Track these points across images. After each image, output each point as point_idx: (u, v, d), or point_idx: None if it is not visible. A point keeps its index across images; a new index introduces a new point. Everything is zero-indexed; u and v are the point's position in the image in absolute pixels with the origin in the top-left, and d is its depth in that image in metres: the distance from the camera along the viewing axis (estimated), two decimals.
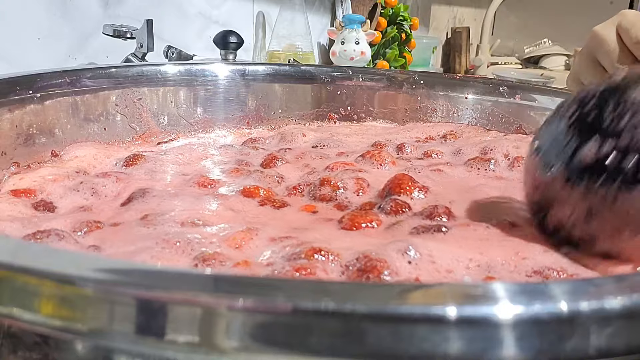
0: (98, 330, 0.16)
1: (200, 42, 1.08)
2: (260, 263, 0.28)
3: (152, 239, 0.30)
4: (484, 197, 0.39)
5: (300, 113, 0.65)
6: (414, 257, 0.27)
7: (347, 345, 0.15)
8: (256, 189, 0.39)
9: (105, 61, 0.89)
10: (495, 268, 0.28)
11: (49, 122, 0.47)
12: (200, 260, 0.28)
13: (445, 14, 2.08)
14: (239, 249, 0.30)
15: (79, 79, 0.50)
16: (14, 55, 0.77)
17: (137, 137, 0.54)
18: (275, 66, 0.68)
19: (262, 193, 0.39)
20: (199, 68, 0.60)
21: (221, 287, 0.17)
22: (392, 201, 0.36)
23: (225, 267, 0.28)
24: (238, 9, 1.17)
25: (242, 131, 0.61)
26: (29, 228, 0.31)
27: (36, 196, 0.38)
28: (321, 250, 0.28)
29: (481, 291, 0.17)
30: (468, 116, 0.64)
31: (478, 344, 0.16)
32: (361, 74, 0.67)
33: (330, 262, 0.27)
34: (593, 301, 0.16)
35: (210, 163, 0.49)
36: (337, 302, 0.15)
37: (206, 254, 0.28)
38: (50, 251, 0.21)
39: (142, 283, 0.17)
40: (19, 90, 0.44)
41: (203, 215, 0.34)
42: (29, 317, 0.17)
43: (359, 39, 1.24)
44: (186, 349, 0.16)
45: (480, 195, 0.39)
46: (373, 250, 0.28)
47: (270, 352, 0.16)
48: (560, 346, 0.16)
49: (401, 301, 0.16)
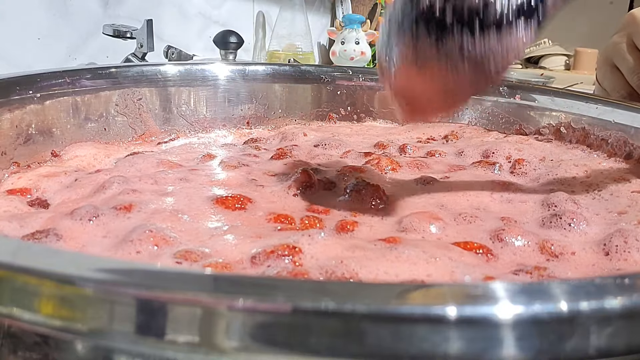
0: (98, 330, 0.17)
1: (200, 42, 1.08)
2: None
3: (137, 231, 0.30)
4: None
5: (300, 113, 0.65)
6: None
7: (347, 345, 0.15)
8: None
9: (105, 61, 0.89)
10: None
11: (49, 122, 0.47)
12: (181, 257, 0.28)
13: None
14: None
15: (79, 79, 0.50)
16: (14, 55, 0.77)
17: (137, 137, 0.54)
18: (275, 66, 0.68)
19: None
20: (199, 68, 0.60)
21: (221, 287, 0.17)
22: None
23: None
24: (238, 9, 1.17)
25: (242, 131, 0.61)
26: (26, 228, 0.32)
27: (31, 195, 0.39)
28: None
29: (481, 291, 0.17)
30: (468, 116, 0.64)
31: (478, 344, 0.16)
32: (361, 74, 0.67)
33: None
34: (593, 301, 0.16)
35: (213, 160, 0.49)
36: (337, 302, 0.16)
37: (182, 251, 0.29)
38: (50, 251, 0.21)
39: (142, 283, 0.17)
40: (19, 90, 0.44)
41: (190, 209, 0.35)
42: (29, 317, 0.17)
43: (359, 39, 1.24)
44: (186, 349, 0.16)
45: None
46: None
47: (270, 352, 0.16)
48: (560, 346, 0.16)
49: (401, 301, 0.16)
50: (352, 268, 0.26)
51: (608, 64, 0.55)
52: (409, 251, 0.28)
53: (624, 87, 0.60)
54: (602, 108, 0.54)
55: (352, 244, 0.30)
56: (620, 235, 0.32)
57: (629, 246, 0.31)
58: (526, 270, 0.29)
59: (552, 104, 0.59)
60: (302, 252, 0.28)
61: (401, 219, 0.35)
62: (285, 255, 0.28)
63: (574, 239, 0.34)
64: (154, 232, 0.30)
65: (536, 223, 0.36)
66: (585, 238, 0.34)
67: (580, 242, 0.33)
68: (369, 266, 0.27)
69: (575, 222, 0.35)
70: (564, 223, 0.35)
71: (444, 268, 0.27)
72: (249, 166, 0.45)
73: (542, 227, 0.35)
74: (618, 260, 0.31)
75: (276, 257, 0.28)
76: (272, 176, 0.43)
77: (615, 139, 0.51)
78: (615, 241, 0.32)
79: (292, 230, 0.32)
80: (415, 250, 0.28)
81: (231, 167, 0.45)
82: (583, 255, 0.32)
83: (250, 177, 0.42)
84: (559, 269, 0.30)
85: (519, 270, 0.29)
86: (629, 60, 0.54)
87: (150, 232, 0.30)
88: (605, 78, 0.61)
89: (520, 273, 0.28)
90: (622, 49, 0.52)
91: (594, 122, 0.54)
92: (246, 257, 0.28)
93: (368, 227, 0.34)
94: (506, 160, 0.49)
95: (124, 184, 0.38)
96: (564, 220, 0.35)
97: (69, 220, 0.32)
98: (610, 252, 0.31)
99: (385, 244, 0.31)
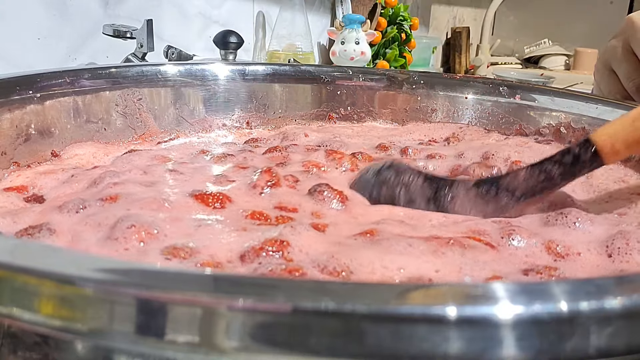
0: (98, 330, 0.17)
1: (200, 42, 1.08)
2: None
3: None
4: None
5: (300, 113, 0.65)
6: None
7: (347, 345, 0.15)
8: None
9: (105, 61, 0.89)
10: None
11: (49, 122, 0.47)
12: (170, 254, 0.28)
13: (445, 14, 2.09)
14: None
15: (79, 79, 0.50)
16: (14, 55, 0.77)
17: (137, 137, 0.54)
18: (275, 66, 0.68)
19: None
20: (199, 68, 0.60)
21: (221, 287, 0.17)
22: None
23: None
24: (238, 9, 1.17)
25: (242, 131, 0.61)
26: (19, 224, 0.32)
27: (28, 191, 0.39)
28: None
29: (481, 291, 0.17)
30: (468, 116, 0.64)
31: (478, 344, 0.16)
32: (361, 74, 0.67)
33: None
34: (593, 301, 0.16)
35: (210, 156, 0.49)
36: (337, 302, 0.16)
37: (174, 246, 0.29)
38: (50, 251, 0.21)
39: (142, 283, 0.17)
40: (19, 90, 0.44)
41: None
42: (29, 317, 0.17)
43: (359, 39, 1.24)
44: (186, 349, 0.16)
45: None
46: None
47: (270, 352, 0.16)
48: (560, 346, 0.16)
49: (401, 301, 0.16)
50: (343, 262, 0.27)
51: (606, 68, 0.54)
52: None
53: (620, 92, 0.59)
54: (602, 108, 0.54)
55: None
56: (622, 237, 0.32)
57: (631, 248, 0.31)
58: (537, 270, 0.29)
59: (552, 104, 0.59)
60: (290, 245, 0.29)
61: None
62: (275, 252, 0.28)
63: (579, 239, 0.34)
64: (137, 226, 0.30)
65: (539, 222, 0.36)
66: (589, 237, 0.34)
67: (585, 242, 0.33)
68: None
69: (580, 222, 0.35)
70: (569, 222, 0.35)
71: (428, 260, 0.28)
72: (242, 162, 0.46)
73: (545, 225, 0.35)
74: (620, 262, 0.31)
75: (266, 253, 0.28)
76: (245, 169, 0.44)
77: None
78: (617, 243, 0.32)
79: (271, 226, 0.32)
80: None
81: (220, 160, 0.46)
82: (588, 256, 0.32)
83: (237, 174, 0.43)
84: (568, 270, 0.30)
85: (529, 269, 0.29)
86: (625, 66, 0.54)
87: (134, 226, 0.30)
88: (602, 81, 0.61)
89: (530, 273, 0.28)
90: (619, 53, 0.51)
91: (594, 122, 0.54)
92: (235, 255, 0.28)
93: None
94: (504, 162, 0.49)
95: (114, 177, 0.39)
96: (569, 219, 0.35)
97: (57, 213, 0.32)
98: (613, 254, 0.31)
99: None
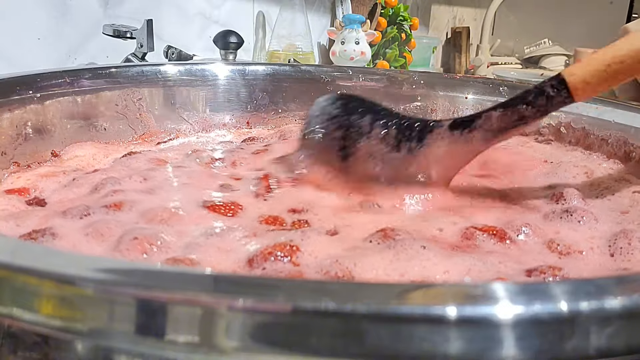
0: (98, 330, 0.17)
1: (200, 42, 1.08)
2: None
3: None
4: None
5: (300, 113, 0.65)
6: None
7: (347, 345, 0.15)
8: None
9: (105, 61, 0.89)
10: None
11: (49, 122, 0.47)
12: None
13: (445, 14, 2.09)
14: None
15: (79, 79, 0.50)
16: (14, 55, 0.77)
17: (137, 137, 0.54)
18: (275, 66, 0.68)
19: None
20: (199, 68, 0.60)
21: (221, 287, 0.17)
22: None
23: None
24: (238, 9, 1.17)
25: (242, 131, 0.61)
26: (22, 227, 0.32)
27: (30, 194, 0.39)
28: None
29: (481, 291, 0.17)
30: None
31: (478, 344, 0.16)
32: (361, 74, 0.67)
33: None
34: (593, 301, 0.16)
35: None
36: (337, 302, 0.15)
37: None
38: (50, 251, 0.21)
39: (142, 283, 0.17)
40: (19, 90, 0.44)
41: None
42: (29, 317, 0.17)
43: (359, 39, 1.24)
44: (186, 349, 0.16)
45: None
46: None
47: (270, 352, 0.16)
48: (560, 346, 0.16)
49: (401, 301, 0.16)
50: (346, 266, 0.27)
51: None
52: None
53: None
54: (602, 108, 0.54)
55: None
56: (624, 236, 0.32)
57: (633, 247, 0.32)
58: (541, 269, 0.29)
59: None
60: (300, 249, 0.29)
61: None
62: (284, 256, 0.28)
63: (584, 236, 0.34)
64: (140, 238, 0.29)
65: (543, 218, 0.36)
66: (594, 233, 0.34)
67: (589, 240, 0.33)
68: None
69: (585, 220, 0.35)
70: (574, 220, 0.35)
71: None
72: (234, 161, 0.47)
73: (549, 221, 0.35)
74: (622, 261, 0.31)
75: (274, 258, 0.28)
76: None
77: (615, 139, 0.51)
78: (620, 242, 0.32)
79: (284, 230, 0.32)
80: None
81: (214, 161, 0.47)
82: (591, 254, 0.32)
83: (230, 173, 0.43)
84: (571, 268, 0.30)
85: (532, 269, 0.29)
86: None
87: (136, 239, 0.29)
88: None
89: (533, 273, 0.28)
90: None
91: (594, 122, 0.54)
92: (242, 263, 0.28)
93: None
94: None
95: (115, 184, 0.39)
96: (574, 217, 0.35)
97: (61, 219, 0.32)
98: (615, 253, 0.32)
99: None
